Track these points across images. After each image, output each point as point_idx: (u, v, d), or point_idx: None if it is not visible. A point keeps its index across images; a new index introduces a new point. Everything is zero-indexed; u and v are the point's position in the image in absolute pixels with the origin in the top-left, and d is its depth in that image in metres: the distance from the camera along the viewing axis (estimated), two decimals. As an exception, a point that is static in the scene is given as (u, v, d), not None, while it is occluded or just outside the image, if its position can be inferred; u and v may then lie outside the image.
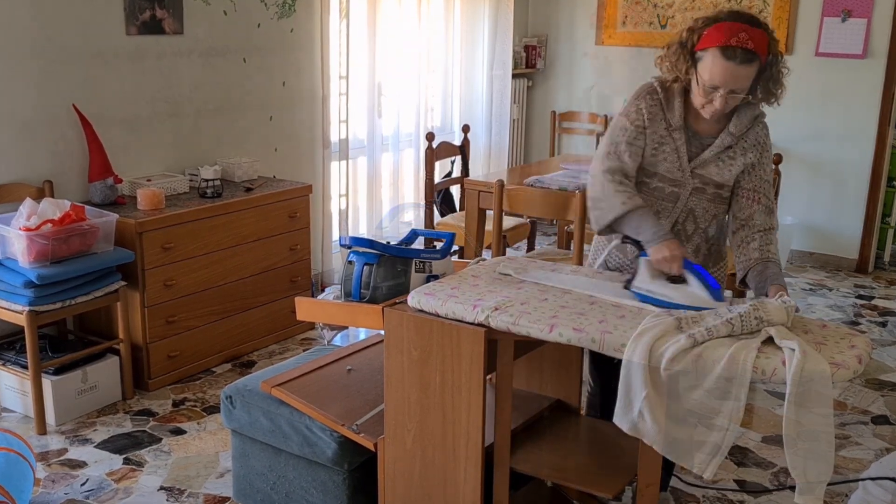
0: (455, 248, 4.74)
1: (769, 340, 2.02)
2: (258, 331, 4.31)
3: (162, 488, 3.09)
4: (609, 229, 2.50)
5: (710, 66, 2.32)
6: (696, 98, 2.41)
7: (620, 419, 2.05)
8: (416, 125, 5.73)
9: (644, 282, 2.28)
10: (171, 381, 3.91)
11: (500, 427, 2.33)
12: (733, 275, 4.07)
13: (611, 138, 2.52)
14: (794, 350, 1.93)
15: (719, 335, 2.00)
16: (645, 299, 2.24)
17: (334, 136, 5.11)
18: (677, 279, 2.27)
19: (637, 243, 2.39)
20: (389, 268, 2.48)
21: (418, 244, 2.83)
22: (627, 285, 2.33)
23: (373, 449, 2.51)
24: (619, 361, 2.05)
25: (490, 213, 4.42)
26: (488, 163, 6.40)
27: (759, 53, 2.31)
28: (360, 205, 5.49)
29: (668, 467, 2.84)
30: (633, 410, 2.02)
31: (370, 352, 3.02)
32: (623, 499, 2.98)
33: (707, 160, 2.47)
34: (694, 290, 2.21)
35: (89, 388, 3.62)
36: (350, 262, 2.52)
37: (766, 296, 2.31)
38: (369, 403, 2.65)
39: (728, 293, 2.30)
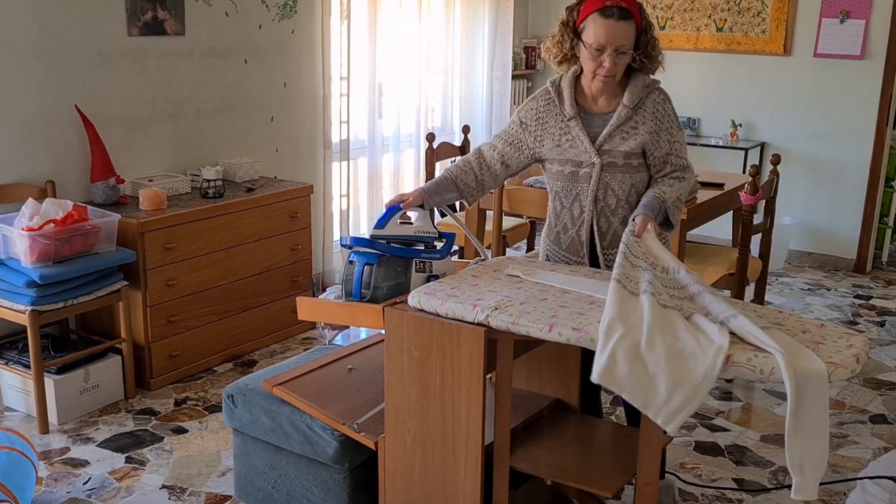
0: (455, 248, 4.75)
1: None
2: (259, 330, 4.33)
3: (164, 487, 3.11)
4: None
5: (594, 29, 2.50)
6: (588, 65, 2.56)
7: (595, 367, 2.04)
8: (417, 126, 5.75)
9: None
10: (172, 381, 3.92)
11: (500, 426, 2.35)
12: (731, 274, 4.11)
13: (502, 129, 2.79)
14: (777, 351, 1.94)
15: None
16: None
17: (335, 137, 5.13)
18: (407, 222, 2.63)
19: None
20: (390, 268, 2.50)
21: (418, 244, 2.84)
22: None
23: (373, 448, 2.53)
24: None
25: (490, 213, 4.44)
26: (488, 163, 6.41)
27: (633, 11, 2.51)
28: (361, 205, 5.51)
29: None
30: (604, 353, 2.02)
31: (371, 351, 3.04)
32: (623, 497, 3.00)
33: (610, 135, 2.60)
34: None
35: (91, 388, 3.64)
36: (351, 262, 2.54)
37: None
38: (370, 402, 2.66)
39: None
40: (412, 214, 2.65)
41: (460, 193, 2.75)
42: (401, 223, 2.60)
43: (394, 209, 2.59)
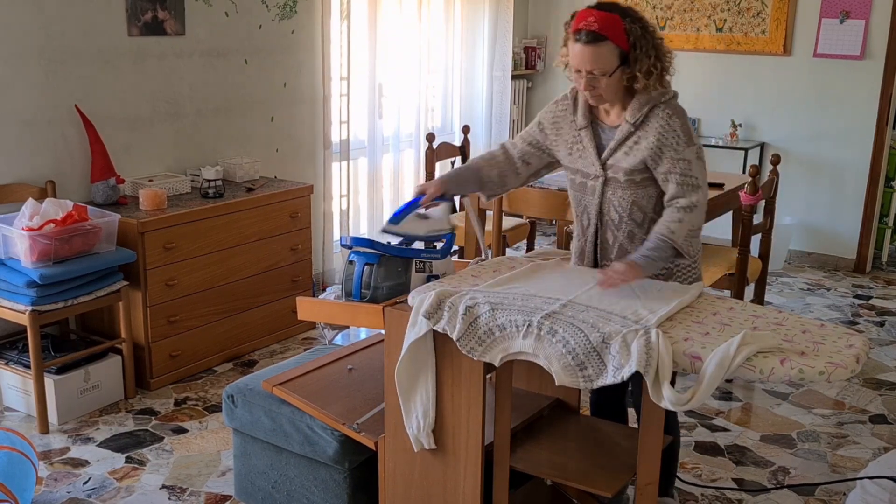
0: (455, 248, 4.75)
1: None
2: (259, 330, 4.33)
3: (164, 487, 3.11)
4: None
5: (570, 50, 2.49)
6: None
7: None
8: (417, 126, 5.75)
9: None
10: (172, 381, 3.92)
11: (500, 426, 2.35)
12: (731, 274, 4.11)
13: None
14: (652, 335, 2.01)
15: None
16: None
17: (335, 137, 5.13)
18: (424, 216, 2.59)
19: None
20: (390, 268, 2.50)
21: (418, 244, 2.84)
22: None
23: (373, 448, 2.53)
24: None
25: (490, 214, 4.43)
26: (488, 163, 6.41)
27: (607, 35, 2.41)
28: (361, 205, 5.51)
29: (670, 470, 2.85)
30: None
31: (371, 351, 3.04)
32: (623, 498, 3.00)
33: (613, 150, 2.57)
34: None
35: (91, 388, 3.64)
36: (351, 262, 2.54)
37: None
38: (370, 402, 2.66)
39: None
40: (434, 205, 2.61)
41: (481, 185, 2.71)
42: (417, 215, 2.57)
43: (414, 202, 2.54)
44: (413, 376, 2.32)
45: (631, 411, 3.56)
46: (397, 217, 2.50)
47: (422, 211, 2.59)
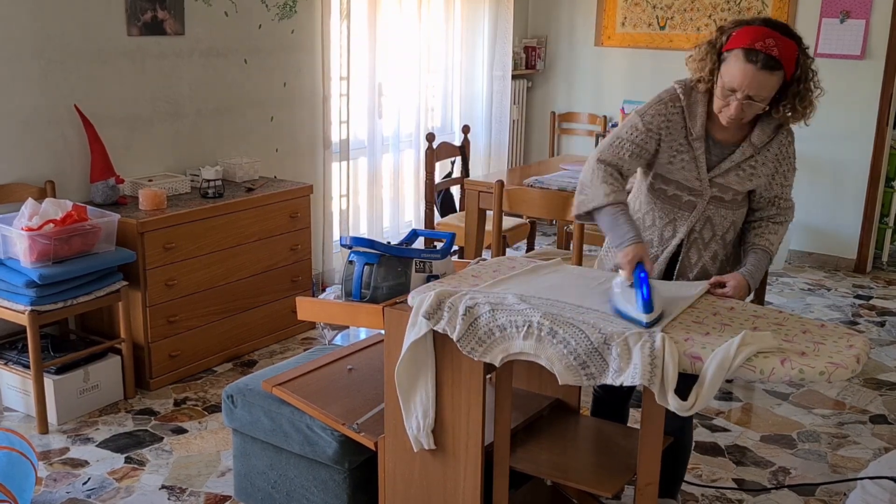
0: (455, 248, 4.75)
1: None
2: (259, 330, 4.33)
3: (163, 487, 3.11)
4: (587, 216, 2.51)
5: (732, 67, 2.30)
6: (716, 101, 2.38)
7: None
8: (417, 126, 5.75)
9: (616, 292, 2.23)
10: (172, 381, 3.92)
11: (500, 426, 2.35)
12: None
13: (619, 132, 2.51)
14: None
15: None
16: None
17: (335, 137, 5.13)
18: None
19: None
20: (390, 268, 2.49)
21: (418, 244, 2.84)
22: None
23: (373, 448, 2.53)
24: None
25: (490, 214, 4.43)
26: (488, 163, 6.42)
27: (783, 63, 2.27)
28: (361, 205, 5.50)
29: (677, 473, 2.84)
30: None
31: (371, 351, 3.04)
32: (623, 498, 3.00)
33: (727, 170, 2.45)
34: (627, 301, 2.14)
35: (91, 388, 3.63)
36: (351, 262, 2.54)
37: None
38: (370, 403, 2.66)
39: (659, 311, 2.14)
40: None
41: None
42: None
43: (648, 283, 2.13)
44: (413, 376, 2.32)
45: (632, 411, 3.56)
46: (649, 303, 2.09)
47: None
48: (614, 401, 2.84)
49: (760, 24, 2.31)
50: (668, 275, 2.60)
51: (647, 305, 2.08)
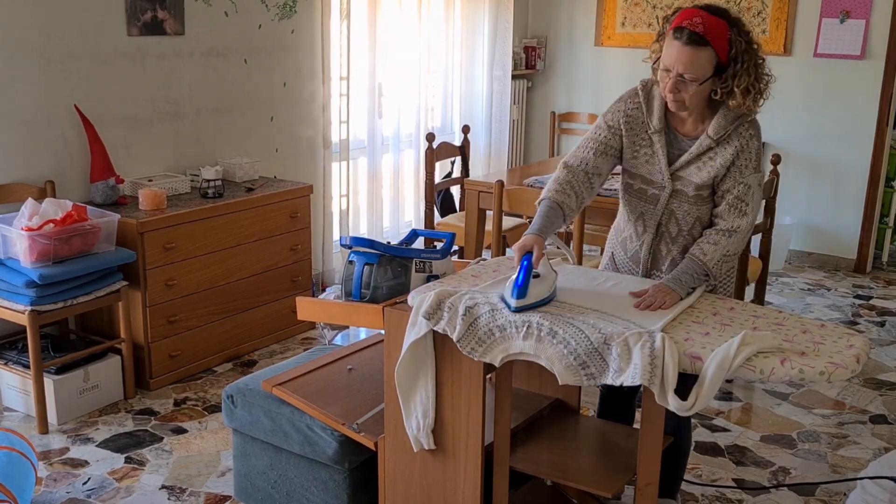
0: (455, 247, 4.75)
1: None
2: (259, 330, 4.33)
3: (163, 487, 3.11)
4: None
5: (665, 48, 2.36)
6: (661, 86, 2.41)
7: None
8: (417, 126, 5.75)
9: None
10: (172, 381, 3.92)
11: (500, 426, 2.35)
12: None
13: (587, 135, 2.59)
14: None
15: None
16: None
17: (335, 137, 5.13)
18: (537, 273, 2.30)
19: None
20: (390, 268, 2.50)
21: (418, 244, 2.84)
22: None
23: (373, 448, 2.53)
24: None
25: (490, 214, 4.43)
26: (488, 163, 6.42)
27: (709, 39, 2.29)
28: (361, 205, 5.50)
29: (676, 473, 2.84)
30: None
31: (371, 351, 3.04)
32: (623, 498, 3.00)
33: (686, 163, 2.46)
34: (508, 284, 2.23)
35: (91, 388, 3.63)
36: (350, 262, 2.54)
37: None
38: (370, 403, 2.66)
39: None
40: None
41: (564, 218, 2.49)
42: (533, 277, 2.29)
43: (528, 268, 2.22)
44: (413, 376, 2.32)
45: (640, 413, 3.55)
46: (521, 289, 2.18)
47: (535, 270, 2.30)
48: (619, 399, 2.83)
49: (694, 6, 2.37)
50: (646, 266, 2.63)
51: (518, 291, 2.16)
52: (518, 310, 2.15)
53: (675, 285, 2.34)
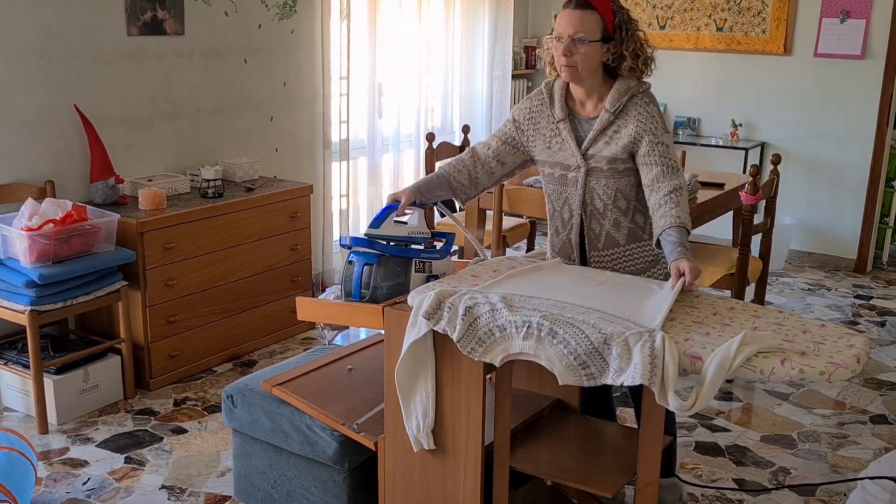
0: (455, 247, 4.74)
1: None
2: (259, 330, 4.32)
3: (163, 487, 3.11)
4: None
5: (557, 22, 2.55)
6: (556, 61, 2.58)
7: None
8: (417, 126, 5.75)
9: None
10: (172, 381, 3.92)
11: (500, 426, 2.35)
12: (731, 274, 4.10)
13: (496, 128, 2.80)
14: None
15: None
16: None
17: (335, 137, 5.13)
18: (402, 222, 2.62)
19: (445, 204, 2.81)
20: (389, 268, 2.50)
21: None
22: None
23: (373, 448, 2.52)
24: None
25: (490, 214, 4.43)
26: (488, 163, 6.41)
27: (595, 4, 2.50)
28: (361, 205, 5.50)
29: (667, 452, 2.85)
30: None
31: (370, 351, 3.04)
32: (623, 498, 3.00)
33: (594, 140, 2.60)
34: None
35: (91, 388, 3.63)
36: (350, 263, 2.54)
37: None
38: (370, 403, 2.66)
39: None
40: (409, 212, 2.65)
41: (452, 191, 2.74)
42: (395, 222, 2.60)
43: (389, 208, 2.61)
44: (413, 376, 2.32)
45: (630, 411, 3.56)
46: (377, 222, 2.56)
47: (398, 219, 2.62)
48: (596, 394, 2.83)
49: None
50: (581, 250, 2.72)
51: (373, 222, 2.58)
52: (368, 237, 2.51)
53: (686, 255, 2.40)
